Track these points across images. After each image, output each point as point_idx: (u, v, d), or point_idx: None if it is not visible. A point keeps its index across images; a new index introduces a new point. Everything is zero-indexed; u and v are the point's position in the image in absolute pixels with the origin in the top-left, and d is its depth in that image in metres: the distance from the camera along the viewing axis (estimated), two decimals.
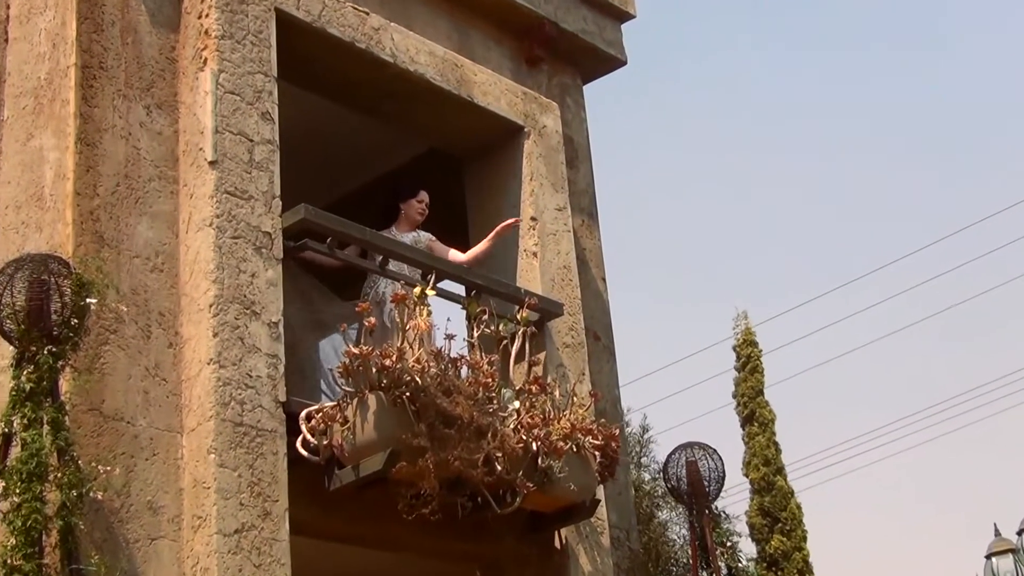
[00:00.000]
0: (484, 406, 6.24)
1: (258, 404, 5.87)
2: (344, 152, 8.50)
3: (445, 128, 7.76)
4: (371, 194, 8.35)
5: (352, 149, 8.48)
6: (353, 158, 8.55)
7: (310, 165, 8.34)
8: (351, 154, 8.52)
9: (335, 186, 8.63)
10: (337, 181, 8.62)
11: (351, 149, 8.48)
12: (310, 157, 8.29)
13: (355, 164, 8.59)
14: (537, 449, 6.43)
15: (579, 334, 7.57)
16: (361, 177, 8.59)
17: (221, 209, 6.06)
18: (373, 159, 8.53)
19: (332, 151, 8.48)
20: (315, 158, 8.39)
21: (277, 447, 5.88)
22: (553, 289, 7.54)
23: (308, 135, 8.11)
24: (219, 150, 6.13)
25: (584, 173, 8.49)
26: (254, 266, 6.09)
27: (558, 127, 8.00)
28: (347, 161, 8.57)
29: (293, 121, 7.08)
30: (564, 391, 6.97)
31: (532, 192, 7.72)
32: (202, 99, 6.24)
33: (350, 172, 8.60)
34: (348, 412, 6.02)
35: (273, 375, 5.97)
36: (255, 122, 6.32)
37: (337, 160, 8.56)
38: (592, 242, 8.36)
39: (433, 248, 7.42)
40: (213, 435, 5.69)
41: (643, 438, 9.75)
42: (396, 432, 5.90)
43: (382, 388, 5.96)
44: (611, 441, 6.78)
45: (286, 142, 6.55)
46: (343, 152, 8.50)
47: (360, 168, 8.60)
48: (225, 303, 5.92)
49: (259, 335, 5.98)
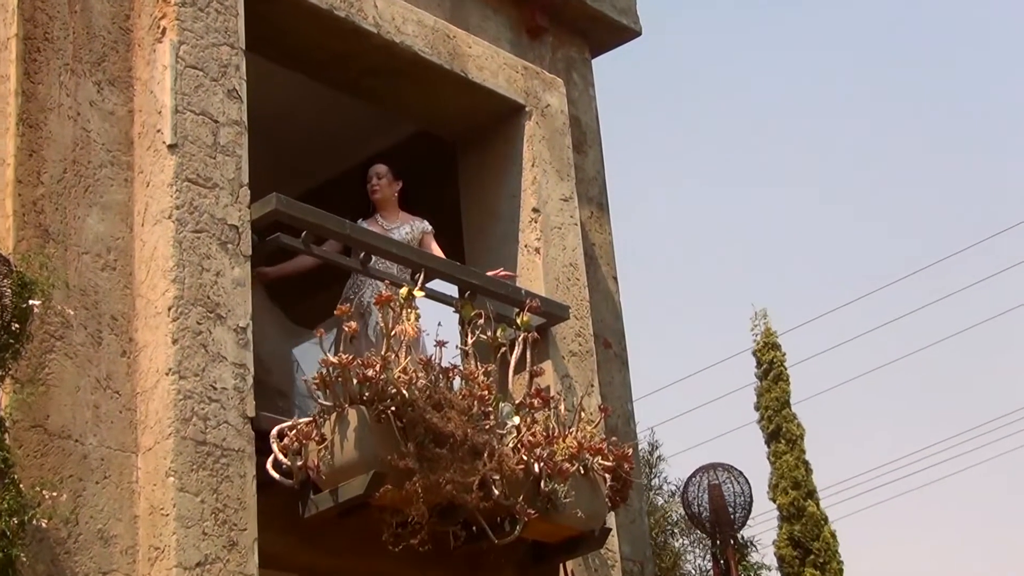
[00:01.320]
0: (480, 422, 6.24)
1: (223, 420, 5.88)
2: (322, 135, 8.51)
3: (435, 108, 7.77)
4: (352, 182, 8.33)
5: (330, 132, 8.49)
6: (332, 142, 8.56)
7: (283, 150, 8.34)
8: (329, 137, 8.53)
9: (311, 173, 8.65)
10: (314, 168, 8.64)
11: (329, 132, 8.49)
12: (283, 141, 8.30)
13: (334, 149, 8.60)
14: (540, 471, 6.44)
15: (587, 341, 7.59)
16: (341, 163, 8.61)
17: (181, 199, 6.06)
18: (354, 143, 8.55)
19: (308, 134, 8.48)
20: (289, 142, 8.40)
21: (245, 469, 5.89)
22: (558, 290, 7.56)
23: (281, 116, 8.12)
24: (179, 132, 6.13)
25: (593, 158, 8.51)
26: (219, 264, 6.09)
27: (563, 106, 8.00)
28: (325, 145, 8.58)
29: (264, 100, 7.05)
30: (570, 405, 6.98)
31: (534, 180, 7.73)
32: (160, 74, 6.24)
33: (328, 158, 8.62)
34: (325, 429, 6.02)
35: (240, 387, 5.98)
36: (220, 100, 6.33)
37: (314, 144, 8.57)
38: (602, 236, 8.38)
39: (425, 243, 7.45)
40: (172, 455, 5.70)
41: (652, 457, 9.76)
42: (380, 452, 5.91)
43: (364, 402, 5.96)
44: (623, 462, 6.78)
45: (256, 123, 6.54)
46: (320, 135, 8.51)
47: (340, 153, 8.61)
48: (186, 305, 5.93)
49: (224, 342, 5.98)
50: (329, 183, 8.63)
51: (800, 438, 8.63)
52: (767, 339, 8.92)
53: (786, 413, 8.74)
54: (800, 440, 8.61)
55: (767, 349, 8.91)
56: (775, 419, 8.75)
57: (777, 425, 8.77)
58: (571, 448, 6.60)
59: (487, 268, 7.47)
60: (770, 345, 8.88)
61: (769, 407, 8.77)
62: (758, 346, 8.97)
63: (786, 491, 8.65)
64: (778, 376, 8.85)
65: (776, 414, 8.75)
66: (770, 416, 8.76)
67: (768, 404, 8.78)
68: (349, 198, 7.89)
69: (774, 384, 8.83)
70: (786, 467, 8.60)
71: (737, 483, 7.75)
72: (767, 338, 8.93)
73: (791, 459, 8.58)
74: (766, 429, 8.79)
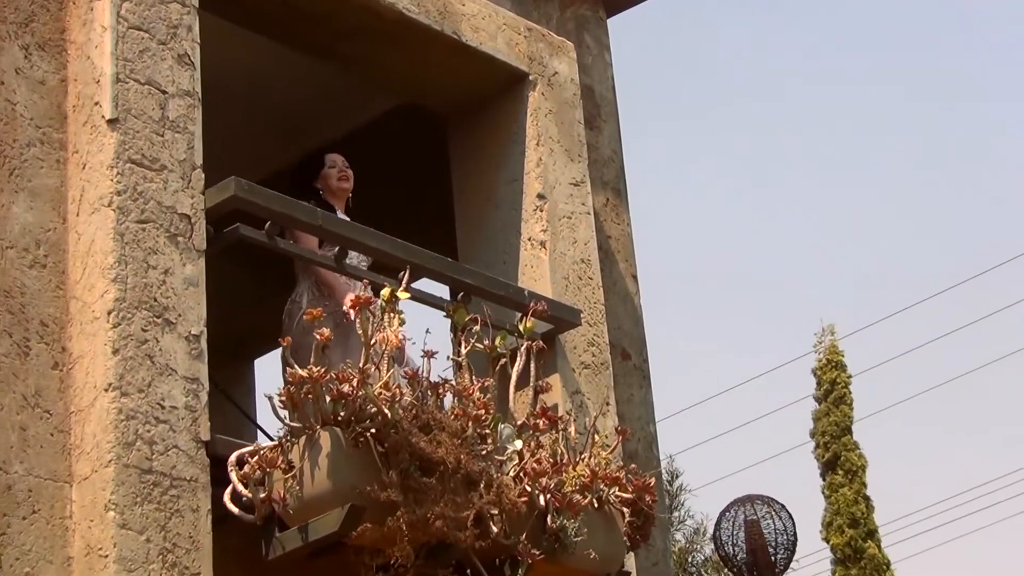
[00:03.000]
0: (475, 447, 6.23)
1: (173, 444, 5.87)
2: (290, 109, 8.50)
3: (423, 76, 7.76)
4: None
5: (300, 105, 8.48)
6: (302, 117, 8.55)
7: (244, 126, 8.33)
8: (299, 112, 8.51)
9: (277, 154, 8.64)
10: (280, 148, 8.63)
11: (299, 105, 8.48)
12: (244, 116, 8.29)
13: (305, 124, 8.58)
14: (546, 504, 6.43)
15: (602, 351, 7.59)
16: (313, 141, 8.57)
17: (124, 184, 6.06)
18: (328, 118, 8.53)
19: (274, 108, 8.48)
20: (251, 117, 8.39)
21: (198, 502, 5.88)
22: (567, 290, 7.55)
23: (241, 86, 8.11)
24: (121, 105, 6.13)
25: (609, 135, 8.50)
26: (168, 260, 6.08)
27: (574, 74, 7.99)
28: (294, 121, 8.57)
29: (221, 67, 7.03)
30: (582, 427, 6.96)
31: (539, 161, 7.72)
32: (98, 37, 6.23)
33: (298, 135, 8.60)
34: (293, 455, 6.02)
35: (193, 405, 5.97)
36: (169, 67, 6.32)
37: (280, 120, 8.56)
38: (619, 228, 8.38)
39: None
40: (112, 486, 5.69)
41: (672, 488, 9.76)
42: (357, 482, 5.90)
43: (339, 423, 5.95)
44: (645, 494, 6.77)
45: (211, 95, 6.52)
46: (288, 109, 8.50)
47: (312, 129, 8.59)
48: (129, 309, 5.92)
49: (174, 352, 5.98)
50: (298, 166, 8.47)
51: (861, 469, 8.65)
52: (831, 357, 8.94)
53: (846, 440, 8.74)
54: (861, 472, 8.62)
55: (830, 368, 8.92)
56: (833, 446, 8.73)
57: (835, 453, 8.77)
58: (583, 477, 6.57)
59: (484, 264, 7.47)
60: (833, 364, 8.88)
61: (827, 433, 8.77)
62: (820, 364, 8.98)
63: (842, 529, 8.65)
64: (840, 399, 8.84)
65: (835, 441, 8.75)
66: (827, 443, 8.75)
67: (826, 429, 8.79)
68: None
69: (834, 407, 8.83)
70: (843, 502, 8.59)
71: (779, 519, 7.74)
72: (831, 356, 8.94)
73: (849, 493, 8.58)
74: (821, 458, 8.79)
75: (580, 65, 8.18)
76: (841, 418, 8.53)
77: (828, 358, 8.75)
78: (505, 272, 7.57)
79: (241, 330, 9.17)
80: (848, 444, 8.49)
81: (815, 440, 8.59)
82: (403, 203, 7.90)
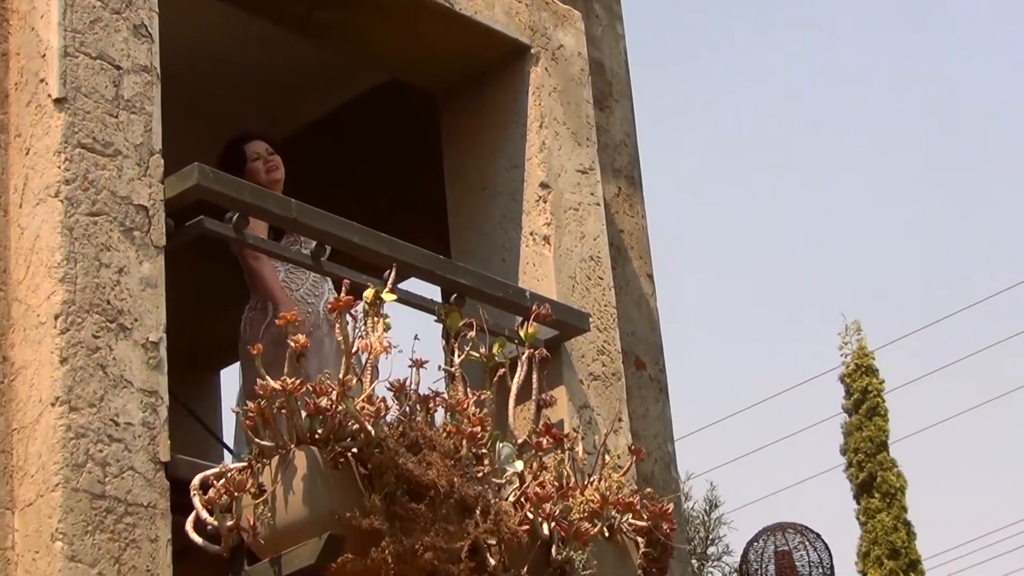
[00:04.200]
0: (470, 469, 6.23)
1: (128, 466, 5.85)
2: (261, 87, 8.51)
3: (412, 50, 7.77)
4: (302, 147, 8.34)
5: (273, 83, 8.50)
6: (274, 96, 8.56)
7: (209, 106, 8.36)
8: (271, 90, 8.53)
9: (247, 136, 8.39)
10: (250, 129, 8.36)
11: (271, 83, 8.50)
12: (209, 95, 8.32)
13: (278, 104, 8.60)
14: (550, 533, 6.42)
15: (613, 360, 7.60)
16: (286, 123, 8.60)
17: (73, 171, 6.05)
18: (304, 97, 8.56)
19: (242, 86, 8.49)
20: (217, 96, 8.41)
21: (157, 531, 5.87)
22: (574, 291, 7.56)
23: (206, 61, 8.13)
24: (70, 82, 6.12)
25: (621, 117, 8.50)
26: (122, 257, 6.08)
27: (582, 47, 7.99)
28: (265, 101, 8.58)
29: (183, 40, 7.05)
30: (591, 446, 6.96)
31: (542, 145, 7.72)
32: (44, 5, 6.22)
33: (270, 117, 8.59)
34: (265, 478, 6.00)
35: (151, 422, 5.96)
36: (124, 40, 6.32)
37: (250, 100, 8.57)
38: (633, 221, 8.38)
39: None
40: (60, 513, 5.67)
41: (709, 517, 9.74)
42: (337, 508, 5.89)
43: (316, 441, 5.95)
44: (662, 521, 6.77)
45: (172, 71, 6.52)
46: (259, 87, 8.51)
47: (285, 110, 8.61)
48: (78, 313, 5.91)
49: (130, 361, 5.97)
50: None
51: (900, 491, 8.60)
52: (860, 361, 8.88)
53: (882, 458, 8.70)
54: (900, 494, 8.56)
55: (859, 374, 8.85)
56: (867, 466, 8.68)
57: (870, 473, 8.73)
58: (592, 503, 6.58)
59: (480, 262, 7.47)
60: (863, 369, 8.81)
61: (860, 450, 8.72)
62: (848, 370, 8.90)
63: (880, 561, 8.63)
64: (873, 410, 8.78)
65: (869, 459, 8.70)
66: (860, 462, 8.69)
67: (858, 446, 8.74)
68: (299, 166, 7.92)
69: (867, 420, 8.78)
70: (881, 529, 8.56)
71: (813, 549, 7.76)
72: (860, 359, 8.88)
73: (887, 519, 8.54)
74: (855, 479, 8.73)
75: (588, 37, 8.17)
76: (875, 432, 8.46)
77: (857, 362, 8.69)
78: (504, 271, 7.58)
79: (206, 337, 9.19)
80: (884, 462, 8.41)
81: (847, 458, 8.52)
82: (389, 193, 7.94)
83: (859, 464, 8.13)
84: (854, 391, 8.24)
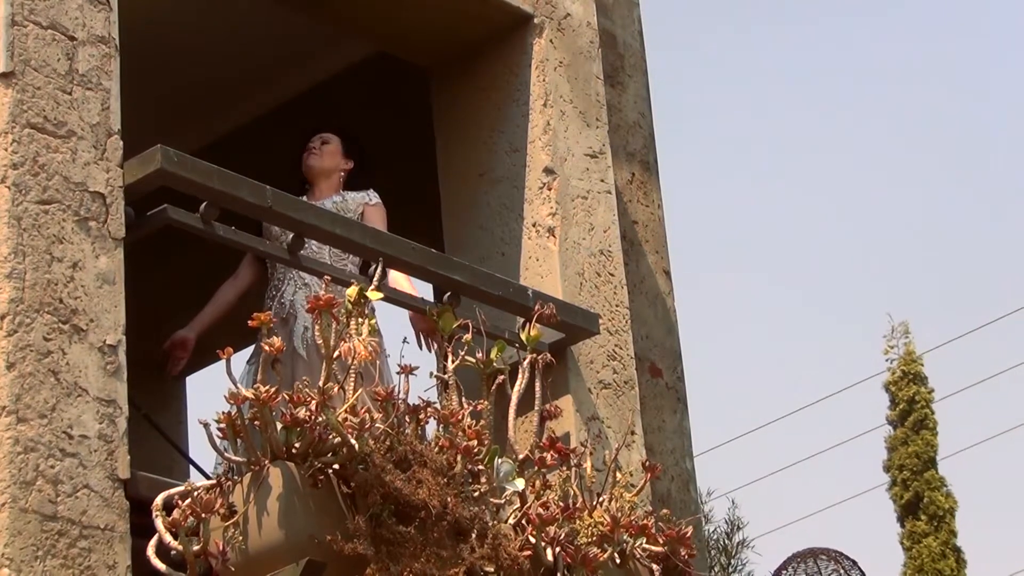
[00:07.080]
0: (465, 487, 6.25)
1: (83, 484, 5.84)
2: (233, 60, 8.53)
3: (402, 20, 7.79)
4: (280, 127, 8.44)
5: (246, 55, 8.52)
6: (247, 70, 8.60)
7: (174, 82, 8.39)
8: (244, 63, 8.56)
9: (219, 116, 8.75)
10: (219, 108, 8.72)
11: (244, 55, 8.51)
12: (174, 69, 8.34)
13: (251, 80, 8.65)
14: (554, 559, 6.41)
15: (626, 366, 7.58)
16: (263, 100, 8.72)
17: (21, 154, 6.03)
18: (283, 72, 8.62)
19: (212, 59, 8.50)
20: (183, 71, 8.43)
21: (115, 556, 5.86)
22: (582, 289, 7.55)
23: (171, 32, 8.14)
24: (18, 55, 6.10)
25: (635, 94, 8.52)
26: (77, 250, 6.06)
27: (591, 17, 7.98)
28: (237, 75, 8.62)
29: (146, 6, 7.12)
30: (600, 462, 6.97)
31: (547, 125, 7.70)
32: None
33: (241, 93, 8.69)
34: (236, 497, 5.99)
35: (108, 434, 5.95)
36: (79, 7, 6.30)
37: (220, 73, 8.59)
38: (648, 211, 8.40)
39: (368, 216, 7.56)
40: (7, 536, 5.65)
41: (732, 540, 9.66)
42: (317, 530, 5.88)
43: (293, 456, 5.94)
44: (679, 546, 6.74)
45: (132, 42, 6.56)
46: (231, 60, 8.53)
47: (259, 87, 8.68)
48: (27, 312, 5.89)
49: (85, 367, 5.96)
50: (245, 130, 8.71)
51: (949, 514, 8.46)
52: (907, 367, 8.70)
53: (930, 476, 8.55)
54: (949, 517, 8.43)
55: (906, 382, 8.68)
56: (913, 484, 8.53)
57: (916, 493, 8.57)
58: (601, 525, 6.57)
59: (477, 257, 7.50)
60: (910, 376, 8.64)
61: (905, 467, 8.56)
62: (893, 376, 8.74)
63: None
64: (920, 422, 8.61)
65: (915, 477, 8.54)
66: (905, 480, 8.54)
67: (903, 462, 8.58)
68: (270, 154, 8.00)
69: (914, 433, 8.62)
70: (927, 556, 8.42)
71: None
72: (907, 365, 8.70)
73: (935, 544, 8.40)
74: (899, 499, 8.59)
75: (598, 5, 8.17)
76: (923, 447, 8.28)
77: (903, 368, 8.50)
78: (503, 266, 7.58)
79: None
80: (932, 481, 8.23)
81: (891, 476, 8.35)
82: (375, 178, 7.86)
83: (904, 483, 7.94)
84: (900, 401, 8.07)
